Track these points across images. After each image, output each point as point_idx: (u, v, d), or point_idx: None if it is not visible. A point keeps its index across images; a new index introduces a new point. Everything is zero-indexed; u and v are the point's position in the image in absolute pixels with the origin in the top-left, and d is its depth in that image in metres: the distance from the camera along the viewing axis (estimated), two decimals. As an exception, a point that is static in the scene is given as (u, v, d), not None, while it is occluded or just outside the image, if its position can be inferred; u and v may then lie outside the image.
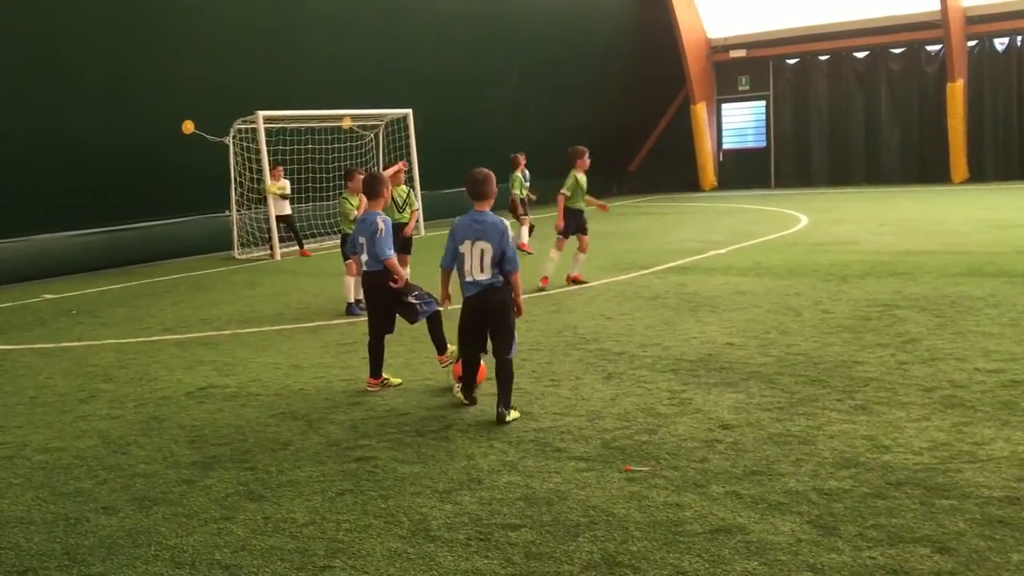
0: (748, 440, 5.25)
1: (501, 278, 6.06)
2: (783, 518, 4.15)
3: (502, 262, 6.02)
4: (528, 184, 15.91)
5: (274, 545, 4.18)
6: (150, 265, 17.40)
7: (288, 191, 17.71)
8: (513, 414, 5.97)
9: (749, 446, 5.15)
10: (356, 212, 9.96)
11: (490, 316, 6.10)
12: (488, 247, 6.00)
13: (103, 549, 4.25)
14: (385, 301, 6.94)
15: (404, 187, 10.78)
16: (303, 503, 4.68)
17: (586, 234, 11.68)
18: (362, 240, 6.94)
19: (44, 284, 15.20)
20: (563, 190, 11.35)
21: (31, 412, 6.89)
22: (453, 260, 6.17)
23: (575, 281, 11.64)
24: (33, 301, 13.39)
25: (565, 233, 11.51)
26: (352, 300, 10.39)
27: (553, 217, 12.34)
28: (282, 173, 17.83)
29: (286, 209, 17.76)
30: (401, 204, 10.66)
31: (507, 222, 6.19)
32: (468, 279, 6.08)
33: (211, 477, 5.16)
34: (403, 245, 10.27)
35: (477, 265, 6.04)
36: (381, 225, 6.83)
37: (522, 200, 15.38)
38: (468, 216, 6.16)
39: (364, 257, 6.94)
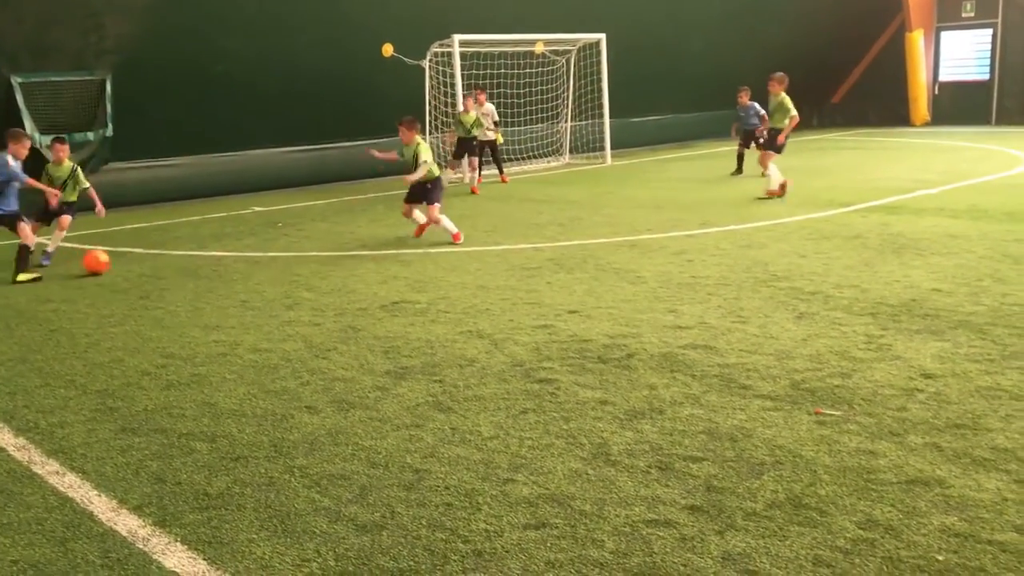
0: (952, 392, 4.92)
1: None
2: (988, 475, 3.89)
3: None
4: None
5: (461, 455, 4.35)
6: (349, 183, 18.21)
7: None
8: None
9: (953, 398, 4.83)
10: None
11: None
12: None
13: (306, 444, 4.57)
14: None
15: None
16: (488, 418, 4.83)
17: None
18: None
19: (254, 197, 16.25)
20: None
21: (243, 314, 7.45)
22: None
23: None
24: (244, 212, 14.36)
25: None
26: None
27: None
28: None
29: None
30: None
31: None
32: None
33: (403, 386, 5.41)
34: None
35: None
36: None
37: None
38: None
39: None
